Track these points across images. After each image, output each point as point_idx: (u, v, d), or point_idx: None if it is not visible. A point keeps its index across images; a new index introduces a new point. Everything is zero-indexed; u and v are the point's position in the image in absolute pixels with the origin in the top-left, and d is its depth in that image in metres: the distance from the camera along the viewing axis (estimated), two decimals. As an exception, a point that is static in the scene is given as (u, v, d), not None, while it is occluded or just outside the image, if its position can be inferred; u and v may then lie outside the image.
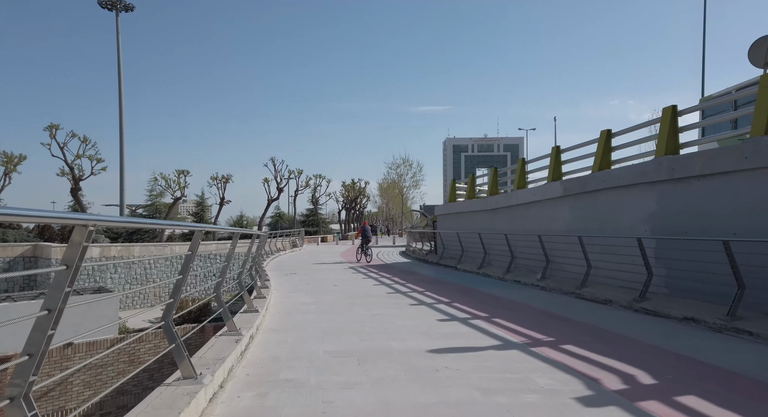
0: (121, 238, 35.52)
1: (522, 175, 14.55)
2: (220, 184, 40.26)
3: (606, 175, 10.25)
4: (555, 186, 12.25)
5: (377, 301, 9.46)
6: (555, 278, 11.69)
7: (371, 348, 5.57)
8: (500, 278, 13.33)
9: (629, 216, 9.69)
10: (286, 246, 30.11)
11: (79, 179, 29.97)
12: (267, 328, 6.75)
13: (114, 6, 41.01)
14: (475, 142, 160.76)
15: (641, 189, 9.27)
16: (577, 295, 10.07)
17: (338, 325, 6.95)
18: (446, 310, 8.28)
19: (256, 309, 7.11)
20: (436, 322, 7.17)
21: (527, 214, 13.86)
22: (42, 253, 24.58)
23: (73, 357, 10.36)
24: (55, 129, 28.56)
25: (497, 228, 15.66)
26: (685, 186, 8.32)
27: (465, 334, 6.28)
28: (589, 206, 10.95)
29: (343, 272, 15.56)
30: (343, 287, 11.66)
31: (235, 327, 5.37)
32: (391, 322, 7.21)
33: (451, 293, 10.57)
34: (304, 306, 8.85)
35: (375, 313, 8.05)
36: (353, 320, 7.37)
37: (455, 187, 21.14)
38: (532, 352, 5.36)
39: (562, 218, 12.08)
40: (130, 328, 20.18)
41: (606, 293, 9.40)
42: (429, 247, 23.59)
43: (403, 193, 63.67)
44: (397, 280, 13.19)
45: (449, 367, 4.73)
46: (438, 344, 5.72)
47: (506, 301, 9.46)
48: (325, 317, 7.66)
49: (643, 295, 8.50)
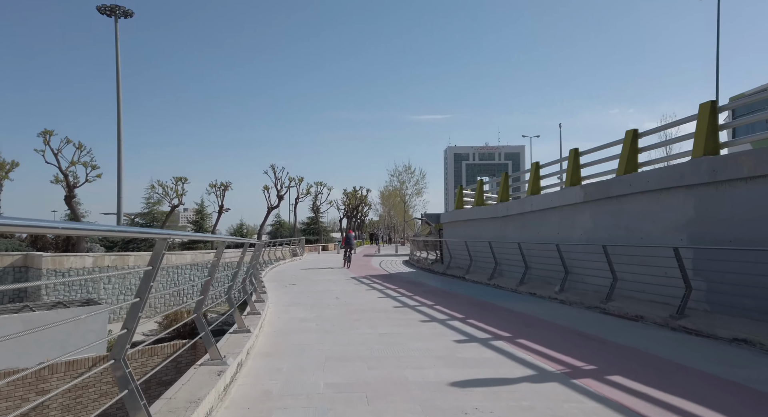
0: (117, 247, 34.61)
1: (536, 180, 13.69)
2: (219, 191, 39.41)
3: (634, 178, 9.37)
4: (574, 191, 11.38)
5: (384, 316, 8.57)
6: (575, 291, 10.79)
7: (382, 379, 4.68)
8: (513, 290, 12.43)
9: (661, 223, 8.81)
10: (286, 255, 29.24)
11: (74, 186, 29.12)
12: (260, 352, 5.85)
13: (113, 12, 40.51)
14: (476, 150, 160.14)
15: (676, 193, 8.39)
16: (602, 310, 9.17)
17: (342, 348, 6.06)
18: (462, 329, 7.38)
19: (247, 328, 6.22)
20: (453, 344, 6.27)
21: (543, 221, 12.97)
22: (33, 263, 23.69)
23: (51, 378, 9.45)
24: (48, 135, 27.75)
25: (509, 236, 14.77)
26: (729, 189, 7.45)
27: (490, 361, 5.38)
28: (614, 213, 10.07)
29: (346, 283, 14.68)
30: (345, 300, 10.78)
31: (219, 355, 4.48)
32: (401, 343, 6.32)
33: (464, 307, 9.69)
34: (303, 323, 7.96)
35: (382, 331, 7.16)
36: (358, 341, 6.48)
37: (462, 193, 20.26)
38: (576, 385, 4.46)
39: (582, 226, 11.20)
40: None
41: (636, 308, 8.49)
42: (435, 256, 22.68)
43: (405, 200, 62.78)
44: (404, 292, 12.30)
45: (480, 410, 3.83)
46: (461, 374, 4.81)
47: (526, 318, 8.56)
48: (327, 337, 6.76)
49: (681, 312, 7.60)
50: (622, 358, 5.54)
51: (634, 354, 5.75)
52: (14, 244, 28.39)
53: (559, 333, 7.16)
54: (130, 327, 2.70)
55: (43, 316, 13.99)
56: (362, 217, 69.89)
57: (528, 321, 8.24)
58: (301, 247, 33.22)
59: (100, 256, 25.34)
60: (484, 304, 10.40)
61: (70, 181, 28.88)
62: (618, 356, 5.65)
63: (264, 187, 44.12)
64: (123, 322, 2.79)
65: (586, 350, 5.95)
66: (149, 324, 21.46)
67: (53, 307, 15.04)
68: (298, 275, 17.77)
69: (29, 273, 23.71)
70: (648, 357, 5.62)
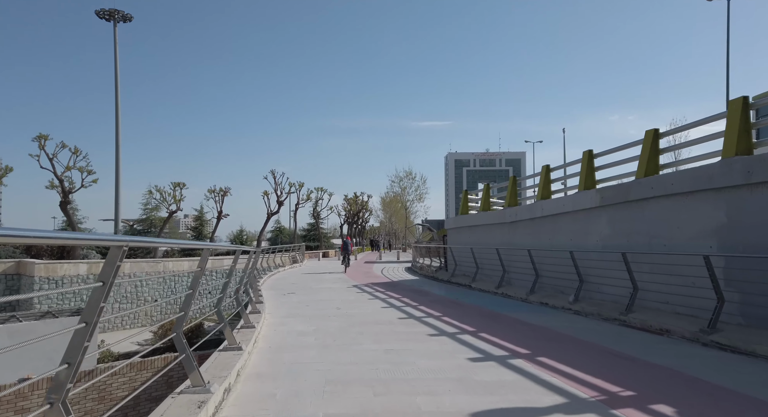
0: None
1: (547, 183, 13.07)
2: (217, 197, 38.80)
3: (656, 181, 8.75)
4: (589, 195, 10.75)
5: (389, 329, 7.94)
6: (591, 301, 10.15)
7: (390, 409, 4.04)
8: (523, 300, 11.80)
9: (687, 229, 8.19)
10: (286, 262, 28.62)
11: (69, 192, 28.53)
12: (252, 373, 5.22)
13: (111, 16, 40.05)
14: (476, 156, 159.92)
15: (704, 197, 7.77)
16: (622, 322, 8.54)
17: (344, 368, 5.42)
18: (475, 344, 6.75)
19: (239, 345, 5.60)
20: (468, 364, 5.63)
21: (554, 227, 12.34)
22: (25, 270, 23.08)
23: (31, 396, 8.80)
24: (44, 139, 27.21)
25: (518, 242, 14.13)
26: (766, 192, 6.83)
27: (512, 385, 4.74)
28: (634, 218, 9.44)
29: (347, 292, 14.04)
30: (347, 310, 10.16)
31: (202, 380, 3.85)
32: (410, 362, 5.68)
33: (474, 319, 9.06)
34: (301, 337, 7.33)
35: (389, 347, 6.52)
36: (362, 359, 5.85)
37: (468, 198, 19.63)
38: (617, 417, 3.83)
39: (597, 232, 10.57)
40: (115, 353, 18.56)
41: (661, 321, 7.85)
42: (438, 264, 22.03)
43: (406, 206, 62.10)
44: (408, 302, 11.67)
45: (512, 451, 3.20)
46: (481, 402, 4.18)
47: (543, 331, 7.93)
48: (327, 355, 6.13)
49: (712, 325, 6.96)
50: (660, 381, 4.90)
51: (672, 376, 5.11)
52: (8, 251, 27.78)
53: (583, 349, 6.53)
54: (74, 360, 2.09)
55: (30, 327, 13.34)
56: (363, 223, 69.20)
57: (545, 335, 7.61)
58: (301, 254, 32.59)
59: (95, 263, 24.70)
60: (494, 315, 9.77)
61: (65, 186, 28.30)
62: (655, 378, 5.01)
63: (264, 192, 43.48)
64: (64, 354, 2.16)
65: (617, 371, 5.32)
66: (144, 334, 20.78)
67: (41, 318, 14.40)
68: (298, 283, 17.16)
69: (22, 280, 23.11)
70: (688, 380, 4.98)
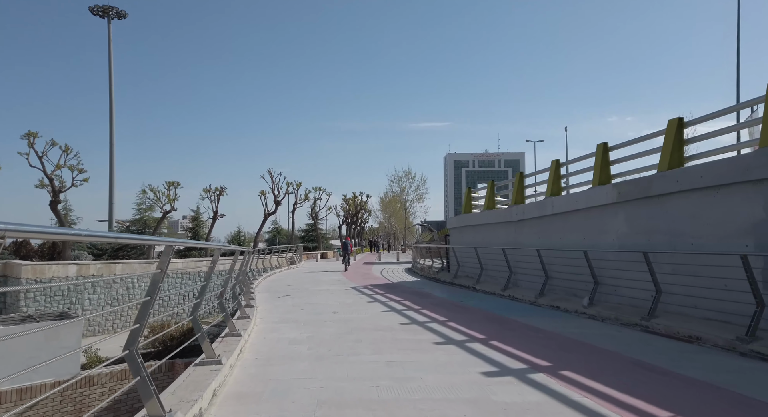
0: (105, 255, 33.16)
1: (557, 179, 12.33)
2: (213, 196, 37.99)
3: (682, 173, 8.02)
4: (605, 190, 10.02)
5: (390, 337, 7.20)
6: (607, 304, 9.42)
7: (394, 441, 3.31)
8: (533, 303, 11.05)
9: (718, 226, 7.46)
10: (283, 263, 27.92)
11: (59, 191, 27.72)
12: (231, 393, 4.47)
13: (106, 13, 39.30)
14: (475, 157, 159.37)
15: (739, 190, 7.05)
16: (644, 327, 7.82)
17: (339, 385, 4.68)
18: (487, 354, 6.01)
19: (218, 359, 4.85)
20: (482, 379, 4.89)
21: (565, 225, 11.61)
22: (12, 271, 22.27)
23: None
24: (33, 137, 26.39)
25: (525, 242, 13.40)
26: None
27: (539, 408, 3.99)
28: (655, 215, 8.71)
29: (345, 294, 13.29)
30: (344, 315, 9.42)
31: (161, 409, 3.10)
32: (416, 377, 4.94)
33: (481, 324, 8.32)
34: (293, 346, 6.59)
35: (390, 358, 5.79)
36: (361, 374, 5.10)
37: (471, 196, 18.88)
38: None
39: (614, 230, 9.83)
40: (102, 357, 17.77)
41: (688, 327, 7.13)
42: (440, 264, 21.29)
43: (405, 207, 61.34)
44: (409, 305, 10.94)
45: None
46: (505, 432, 3.45)
47: (558, 338, 7.19)
48: (321, 368, 5.39)
49: (751, 333, 6.24)
50: (704, 401, 4.17)
51: (717, 394, 4.38)
52: (-4, 251, 26.98)
53: (607, 360, 5.79)
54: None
55: (9, 332, 12.58)
56: (362, 223, 68.41)
57: (562, 343, 6.87)
58: (299, 255, 31.86)
59: (84, 265, 23.92)
60: (503, 320, 9.03)
61: (55, 185, 27.49)
62: (698, 397, 4.28)
63: (261, 192, 42.68)
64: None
65: (653, 387, 4.58)
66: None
67: (22, 322, 13.63)
68: (294, 285, 16.43)
69: (8, 282, 22.28)
70: (736, 398, 4.26)
